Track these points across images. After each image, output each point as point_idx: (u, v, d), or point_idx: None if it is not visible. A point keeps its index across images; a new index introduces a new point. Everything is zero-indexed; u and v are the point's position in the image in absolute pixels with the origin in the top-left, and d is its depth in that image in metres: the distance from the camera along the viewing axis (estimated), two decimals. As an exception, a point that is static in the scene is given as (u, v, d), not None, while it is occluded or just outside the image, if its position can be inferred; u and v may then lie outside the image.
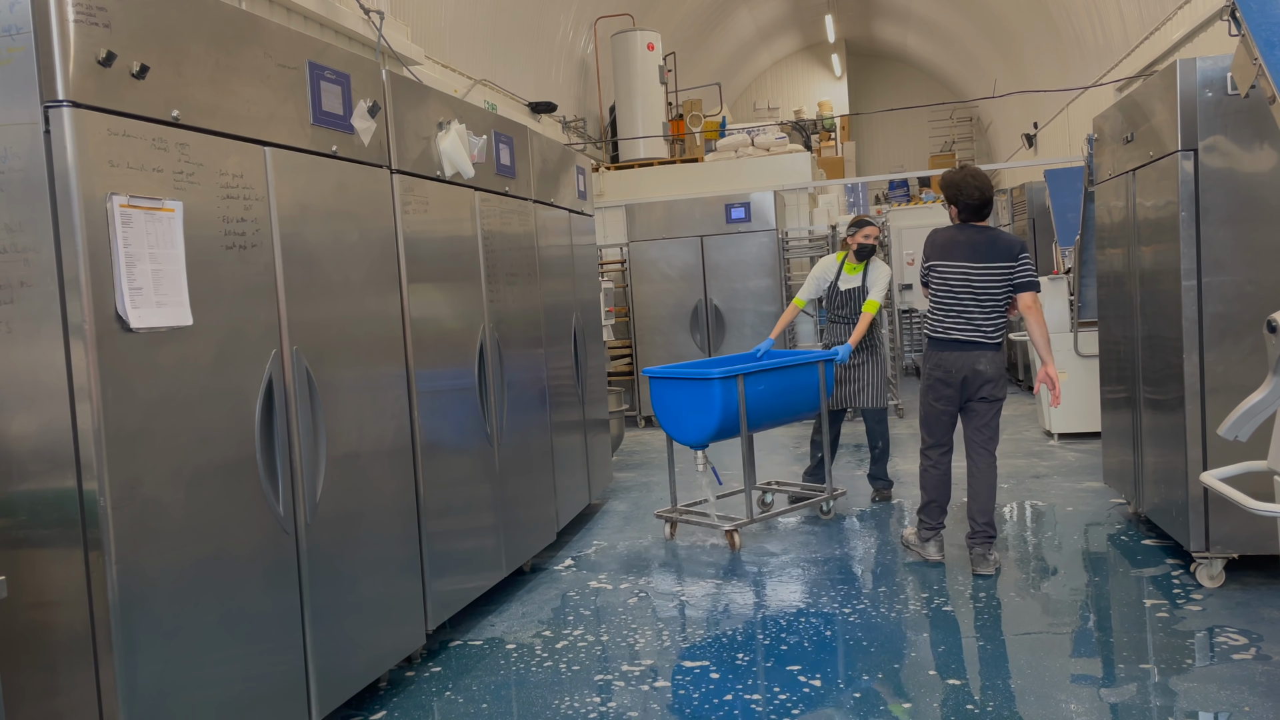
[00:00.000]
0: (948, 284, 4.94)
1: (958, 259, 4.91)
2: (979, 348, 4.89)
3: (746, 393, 5.62)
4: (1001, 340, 4.95)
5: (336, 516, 3.46)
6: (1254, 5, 3.43)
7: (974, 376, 4.89)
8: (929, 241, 5.08)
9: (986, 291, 4.87)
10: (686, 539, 5.88)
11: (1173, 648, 3.85)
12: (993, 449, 4.98)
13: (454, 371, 4.42)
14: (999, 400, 4.95)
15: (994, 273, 4.86)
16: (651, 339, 10.43)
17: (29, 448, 2.53)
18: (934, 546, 5.09)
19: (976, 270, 4.87)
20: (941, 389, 4.96)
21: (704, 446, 5.68)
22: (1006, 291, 4.89)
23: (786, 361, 5.89)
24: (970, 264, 4.88)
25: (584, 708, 3.64)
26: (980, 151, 22.87)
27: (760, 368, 5.69)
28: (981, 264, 4.87)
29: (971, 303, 4.89)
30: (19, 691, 2.57)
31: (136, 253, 2.61)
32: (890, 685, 3.67)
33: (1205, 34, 8.40)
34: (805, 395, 6.02)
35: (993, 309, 4.89)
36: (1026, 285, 4.89)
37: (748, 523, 5.70)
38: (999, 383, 4.92)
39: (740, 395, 5.59)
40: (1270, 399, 2.83)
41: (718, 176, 11.37)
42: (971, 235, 4.94)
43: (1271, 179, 4.32)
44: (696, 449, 5.72)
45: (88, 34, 2.49)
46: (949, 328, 4.93)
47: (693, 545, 5.74)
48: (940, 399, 4.98)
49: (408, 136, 4.10)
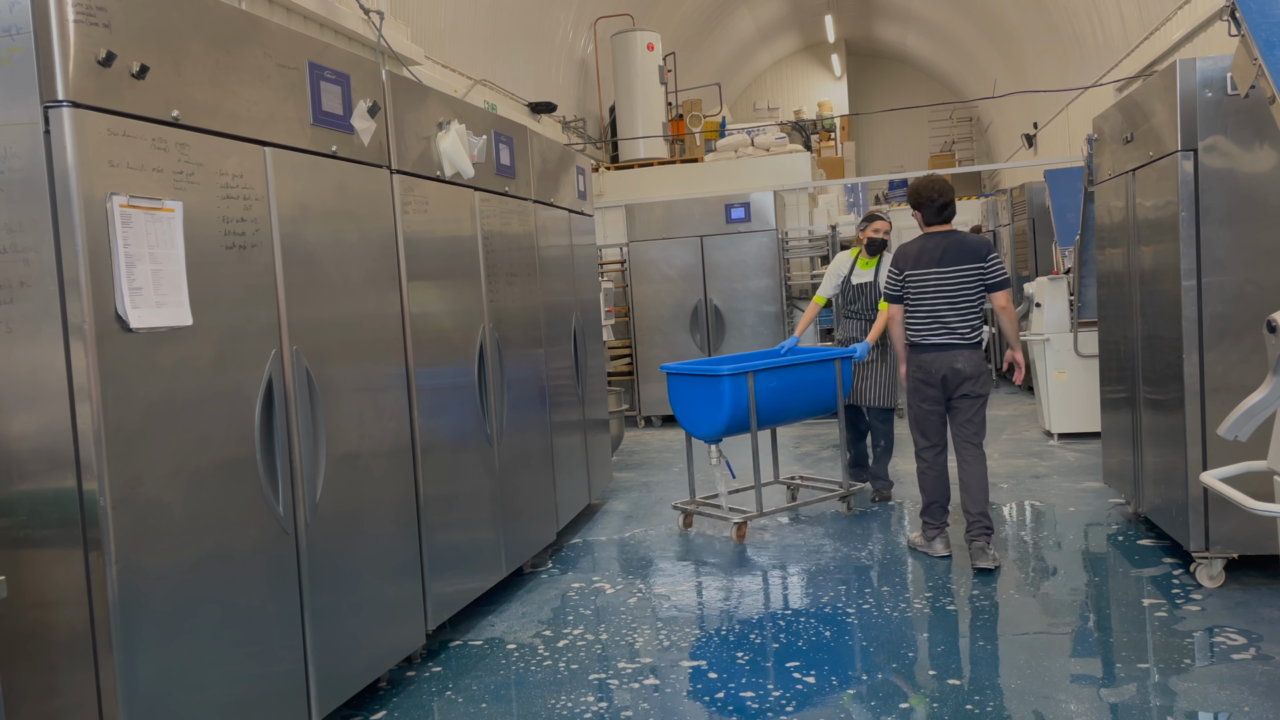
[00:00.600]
0: (922, 291, 5.16)
1: (928, 266, 5.14)
2: (955, 348, 5.07)
3: (757, 389, 5.75)
4: (978, 339, 5.14)
5: (336, 516, 3.46)
6: (1254, 5, 3.43)
7: (953, 375, 5.06)
8: (899, 254, 5.30)
9: (959, 294, 5.09)
10: (690, 536, 5.88)
11: (1172, 648, 3.85)
12: (980, 443, 5.13)
13: (454, 371, 4.42)
14: (981, 396, 5.11)
15: (964, 275, 5.08)
16: (651, 339, 10.43)
17: (29, 448, 2.53)
18: (940, 543, 5.18)
19: (947, 274, 5.09)
20: (925, 390, 5.14)
21: (716, 441, 5.86)
22: (978, 292, 5.11)
23: (800, 359, 6.02)
24: (941, 269, 5.10)
25: (583, 707, 3.64)
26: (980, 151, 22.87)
27: (771, 365, 5.83)
28: (951, 268, 5.09)
29: (945, 306, 5.10)
30: (19, 691, 2.57)
31: (136, 253, 2.61)
32: (889, 684, 3.67)
33: (1205, 34, 8.40)
34: (820, 393, 6.11)
35: (966, 310, 5.09)
36: (998, 285, 5.13)
37: (756, 515, 5.86)
38: (979, 379, 5.09)
39: (750, 392, 5.68)
40: (1270, 399, 2.83)
41: (717, 176, 11.37)
42: (939, 242, 5.16)
43: (1271, 179, 4.32)
44: (709, 443, 5.89)
45: (88, 34, 2.49)
46: (926, 333, 5.14)
47: (696, 543, 5.74)
48: (925, 399, 5.16)
49: (408, 136, 4.10)
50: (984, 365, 5.11)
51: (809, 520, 6.12)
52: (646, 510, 6.66)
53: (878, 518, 6.10)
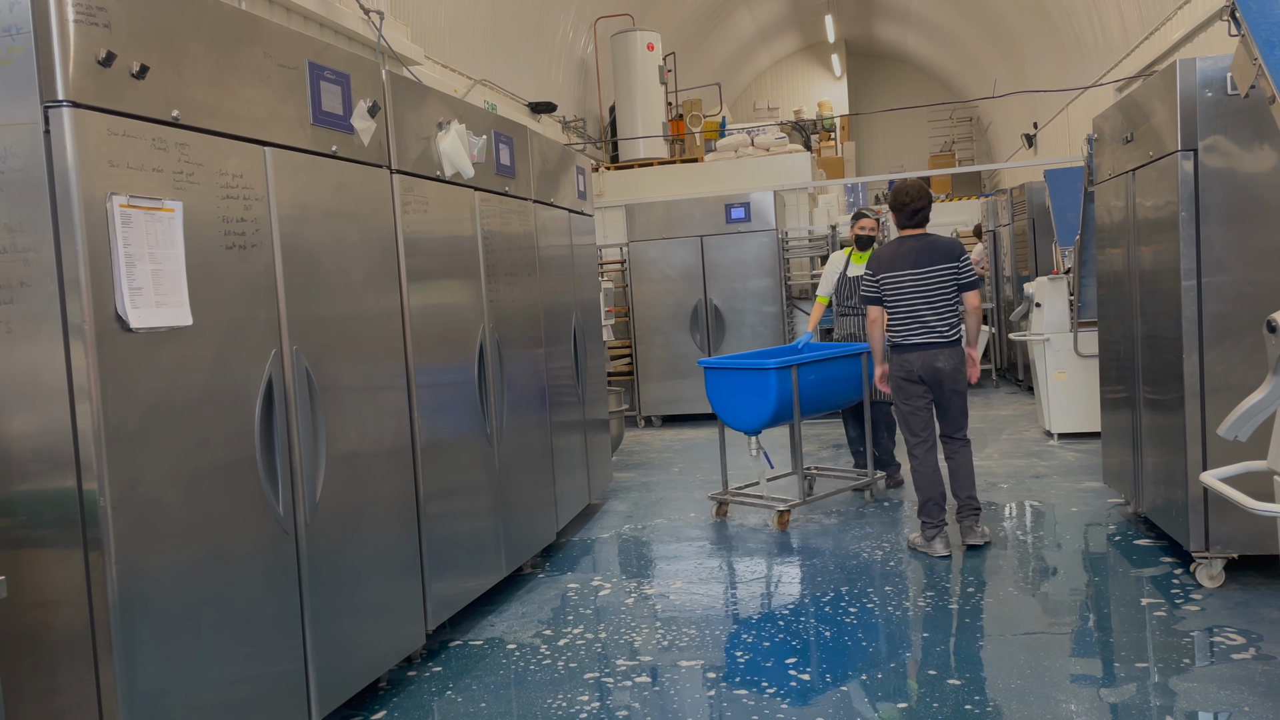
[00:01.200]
0: (900, 292, 5.34)
1: (903, 268, 5.33)
2: (935, 346, 5.27)
3: (799, 382, 6.04)
4: (958, 336, 5.33)
5: (336, 516, 3.46)
6: (1254, 5, 3.43)
7: (934, 373, 5.27)
8: (874, 258, 5.49)
9: (935, 293, 5.28)
10: (687, 536, 5.88)
11: (1172, 647, 3.85)
12: (964, 435, 5.41)
13: (454, 371, 4.42)
14: (962, 392, 5.37)
15: (939, 274, 5.28)
16: (651, 339, 10.43)
17: (29, 448, 2.53)
18: (940, 543, 5.21)
19: (922, 275, 5.28)
20: (910, 387, 5.35)
21: (757, 432, 6.10)
22: (954, 290, 5.31)
23: (835, 353, 6.33)
24: (915, 270, 5.30)
25: (583, 707, 3.64)
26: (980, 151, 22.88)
27: (812, 358, 6.13)
28: (925, 268, 5.29)
29: (923, 305, 5.28)
30: (19, 691, 2.57)
31: (136, 253, 2.61)
32: (888, 684, 3.67)
33: (1205, 34, 8.40)
34: (848, 385, 6.49)
35: (943, 308, 5.28)
36: (970, 285, 5.36)
37: (799, 503, 6.11)
38: (958, 376, 5.33)
39: (794, 384, 5.95)
40: (1270, 399, 2.83)
41: (717, 176, 11.37)
42: (913, 244, 5.35)
43: (1271, 179, 4.32)
44: (750, 435, 6.13)
45: (88, 34, 2.49)
46: (907, 333, 5.33)
47: (693, 542, 5.74)
48: (911, 396, 5.36)
49: (408, 136, 4.10)
50: (963, 362, 5.35)
51: (818, 513, 6.12)
52: (647, 510, 6.66)
53: (882, 518, 6.10)
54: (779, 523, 5.95)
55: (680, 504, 6.79)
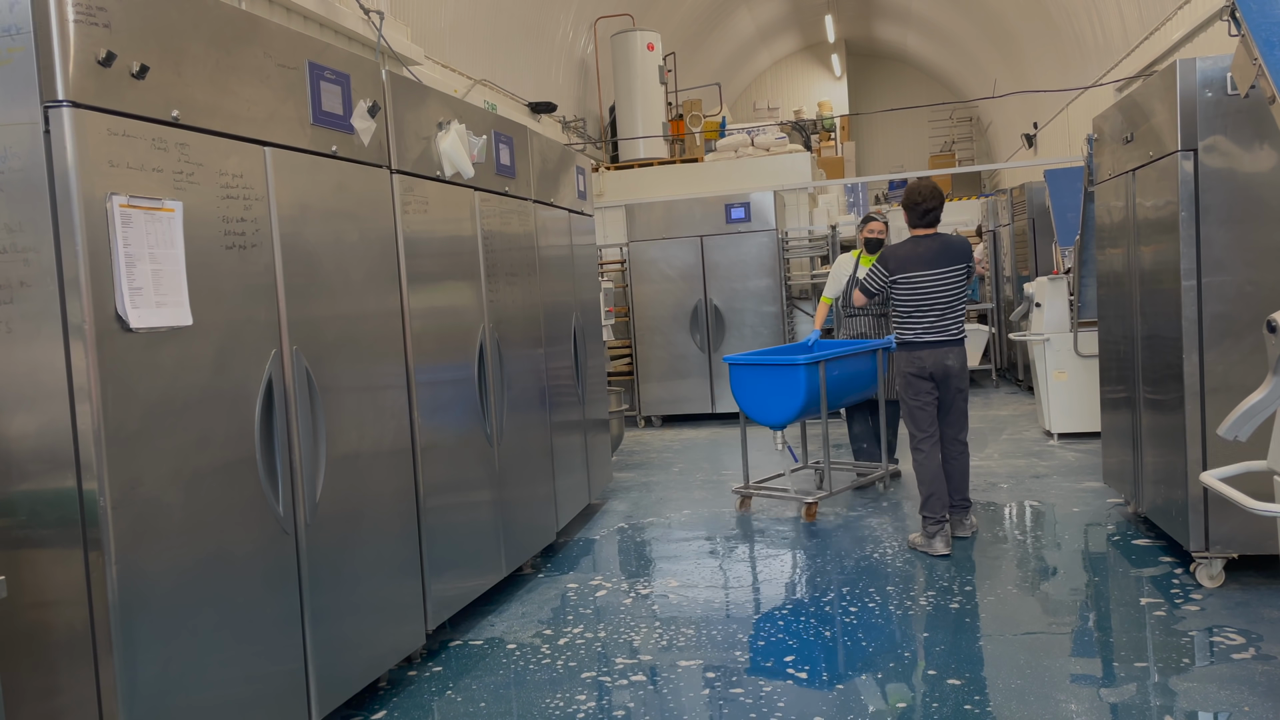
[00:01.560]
0: (913, 292, 5.46)
1: (918, 269, 5.45)
2: (946, 344, 5.42)
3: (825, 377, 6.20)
4: (963, 335, 5.50)
5: (336, 516, 3.46)
6: (1254, 5, 3.43)
7: (943, 371, 5.41)
8: (888, 254, 5.58)
9: (948, 292, 5.43)
10: (687, 536, 5.89)
11: (1172, 647, 3.85)
12: (964, 436, 5.58)
13: (454, 371, 4.42)
14: (965, 391, 5.53)
15: (951, 274, 5.43)
16: (651, 339, 10.43)
17: (29, 448, 2.53)
18: (940, 541, 5.23)
19: (936, 275, 5.42)
20: (919, 384, 5.45)
21: (782, 428, 6.22)
22: (964, 290, 5.50)
23: (856, 349, 6.48)
24: (929, 270, 5.42)
25: (582, 707, 3.64)
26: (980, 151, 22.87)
27: (837, 354, 6.35)
28: (939, 269, 5.42)
29: (939, 305, 5.42)
30: (19, 691, 2.57)
31: (136, 253, 2.61)
32: (887, 684, 3.67)
33: (1205, 34, 8.40)
34: (866, 380, 6.70)
35: (955, 307, 5.45)
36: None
37: (827, 495, 6.30)
38: (964, 375, 5.51)
39: (822, 379, 6.12)
40: (1270, 399, 2.83)
41: (717, 176, 11.37)
42: (927, 245, 5.48)
43: (1271, 179, 4.32)
44: (777, 430, 6.25)
45: (88, 34, 2.49)
46: (920, 332, 5.45)
47: (693, 542, 5.74)
48: (920, 392, 5.46)
49: (408, 136, 4.10)
50: (967, 360, 5.58)
51: (823, 509, 6.13)
52: (647, 510, 6.66)
53: (883, 516, 6.10)
54: (807, 514, 6.13)
55: (680, 504, 6.79)
